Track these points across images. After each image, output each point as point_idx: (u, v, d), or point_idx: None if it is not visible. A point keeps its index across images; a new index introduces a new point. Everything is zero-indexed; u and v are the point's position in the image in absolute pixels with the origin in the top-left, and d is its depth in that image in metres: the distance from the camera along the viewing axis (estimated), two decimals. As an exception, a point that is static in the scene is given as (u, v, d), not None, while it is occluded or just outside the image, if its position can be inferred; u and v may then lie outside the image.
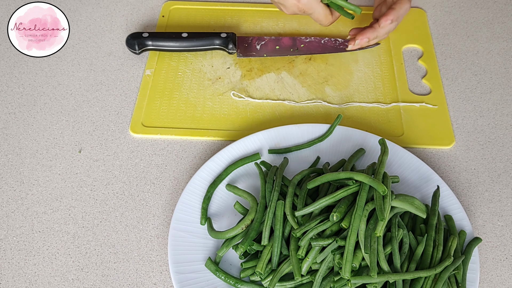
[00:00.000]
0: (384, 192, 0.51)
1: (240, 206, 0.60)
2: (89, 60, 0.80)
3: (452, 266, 0.52)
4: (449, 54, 0.79)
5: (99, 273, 0.58)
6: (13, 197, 0.64)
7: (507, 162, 0.67)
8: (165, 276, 0.58)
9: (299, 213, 0.54)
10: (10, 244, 0.60)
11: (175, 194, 0.64)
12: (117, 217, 0.62)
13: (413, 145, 0.68)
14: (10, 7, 0.87)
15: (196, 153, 0.68)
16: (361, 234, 0.50)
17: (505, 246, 0.60)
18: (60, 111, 0.73)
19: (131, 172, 0.66)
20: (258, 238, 0.57)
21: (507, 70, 0.77)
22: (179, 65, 0.78)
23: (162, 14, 0.85)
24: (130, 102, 0.74)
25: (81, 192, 0.65)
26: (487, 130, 0.70)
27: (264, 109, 0.72)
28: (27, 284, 0.57)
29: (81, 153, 0.68)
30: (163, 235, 0.61)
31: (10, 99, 0.75)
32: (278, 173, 0.61)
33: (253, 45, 0.78)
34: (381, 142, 0.59)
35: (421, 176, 0.62)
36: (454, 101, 0.74)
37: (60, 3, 0.87)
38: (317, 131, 0.67)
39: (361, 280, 0.50)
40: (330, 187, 0.58)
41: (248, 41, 0.79)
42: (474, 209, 0.63)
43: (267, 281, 0.53)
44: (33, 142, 0.70)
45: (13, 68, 0.79)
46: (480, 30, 0.83)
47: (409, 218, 0.58)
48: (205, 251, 0.58)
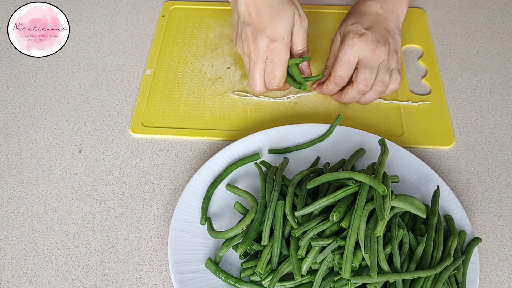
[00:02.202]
0: (384, 192, 0.51)
1: (240, 206, 0.60)
2: (89, 60, 0.80)
3: (452, 266, 0.52)
4: (449, 54, 0.79)
5: (99, 273, 0.58)
6: (13, 197, 0.64)
7: (507, 162, 0.67)
8: (165, 276, 0.58)
9: (299, 213, 0.54)
10: (10, 244, 0.60)
11: (175, 194, 0.64)
12: (117, 217, 0.62)
13: (413, 145, 0.68)
14: (10, 7, 0.87)
15: (196, 153, 0.68)
16: (361, 234, 0.50)
17: (505, 246, 0.60)
18: (60, 111, 0.73)
19: (131, 172, 0.66)
20: (258, 238, 0.57)
21: (507, 70, 0.77)
22: (179, 65, 0.78)
23: (162, 14, 0.85)
24: (130, 102, 0.74)
25: (81, 192, 0.65)
26: (487, 130, 0.70)
27: (264, 109, 0.72)
28: (27, 284, 0.57)
29: (81, 153, 0.68)
30: (163, 235, 0.61)
31: (10, 99, 0.75)
32: (278, 173, 0.61)
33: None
34: (381, 142, 0.59)
35: (421, 176, 0.62)
36: (454, 101, 0.74)
37: (60, 3, 0.87)
38: (317, 131, 0.67)
39: (361, 280, 0.50)
40: (330, 187, 0.58)
41: None
42: (474, 209, 0.63)
43: (267, 281, 0.53)
44: (33, 142, 0.70)
45: (13, 68, 0.79)
46: (480, 30, 0.83)
47: (409, 218, 0.58)
48: (205, 251, 0.58)
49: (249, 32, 0.64)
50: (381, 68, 0.66)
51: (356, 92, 0.66)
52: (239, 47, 0.67)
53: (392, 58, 0.67)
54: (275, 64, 0.65)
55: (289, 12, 0.64)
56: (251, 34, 0.64)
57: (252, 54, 0.64)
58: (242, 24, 0.65)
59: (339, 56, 0.67)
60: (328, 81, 0.69)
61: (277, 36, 0.63)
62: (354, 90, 0.66)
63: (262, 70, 0.65)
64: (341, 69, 0.66)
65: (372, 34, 0.65)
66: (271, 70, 0.65)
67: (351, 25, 0.67)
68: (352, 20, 0.68)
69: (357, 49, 0.65)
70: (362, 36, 0.65)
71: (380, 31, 0.66)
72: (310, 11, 0.85)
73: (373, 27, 0.66)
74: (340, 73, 0.67)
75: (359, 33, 0.65)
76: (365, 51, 0.65)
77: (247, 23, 0.64)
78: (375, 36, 0.65)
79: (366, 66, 0.65)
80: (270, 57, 0.64)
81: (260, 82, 0.66)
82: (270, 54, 0.64)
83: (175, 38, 0.82)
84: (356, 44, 0.65)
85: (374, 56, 0.65)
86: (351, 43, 0.65)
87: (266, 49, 0.63)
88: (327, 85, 0.69)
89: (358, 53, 0.65)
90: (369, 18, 0.68)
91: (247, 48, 0.65)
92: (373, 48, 0.65)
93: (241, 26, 0.65)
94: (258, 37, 0.63)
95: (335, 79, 0.67)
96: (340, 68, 0.66)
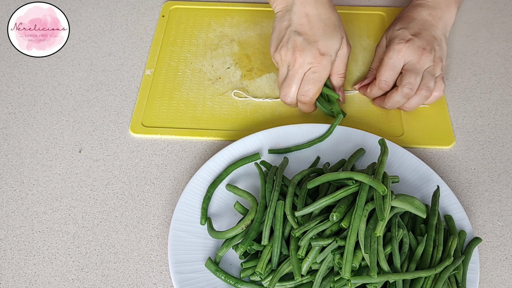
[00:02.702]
0: (384, 192, 0.51)
1: (240, 206, 0.60)
2: (89, 60, 0.80)
3: (452, 266, 0.53)
4: (449, 54, 0.79)
5: (99, 273, 0.58)
6: (13, 197, 0.64)
7: (507, 162, 0.67)
8: (165, 276, 0.58)
9: (299, 213, 0.54)
10: (10, 244, 0.60)
11: (175, 194, 0.64)
12: (117, 217, 0.62)
13: (413, 145, 0.68)
14: (10, 7, 0.87)
15: (196, 153, 0.68)
16: (361, 234, 0.50)
17: (505, 246, 0.60)
18: (60, 111, 0.73)
19: (131, 172, 0.66)
20: (258, 238, 0.57)
21: (507, 70, 0.77)
22: (179, 65, 0.78)
23: (162, 14, 0.85)
24: (130, 102, 0.74)
25: (81, 192, 0.65)
26: (487, 130, 0.70)
27: (264, 109, 0.72)
28: (27, 284, 0.57)
29: (81, 153, 0.68)
30: (163, 235, 0.61)
31: (10, 99, 0.75)
32: (278, 173, 0.61)
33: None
34: (381, 142, 0.59)
35: (421, 176, 0.62)
36: (454, 101, 0.74)
37: (60, 3, 0.87)
38: (317, 131, 0.67)
39: (361, 280, 0.50)
40: (330, 187, 0.58)
41: None
42: (474, 209, 0.63)
43: (267, 281, 0.53)
44: (33, 142, 0.70)
45: (13, 68, 0.79)
46: (479, 30, 0.83)
47: (409, 218, 0.58)
48: (205, 251, 0.58)
49: (298, 41, 0.64)
50: (426, 74, 0.66)
51: (401, 96, 0.66)
52: (279, 55, 0.66)
53: (437, 65, 0.67)
54: (316, 77, 0.65)
55: (339, 34, 0.65)
56: (301, 43, 0.64)
57: (296, 63, 0.64)
58: (292, 32, 0.65)
59: (384, 61, 0.67)
60: (373, 85, 0.69)
61: (327, 51, 0.64)
62: (399, 94, 0.66)
63: (300, 81, 0.66)
64: (386, 74, 0.66)
65: (419, 40, 0.65)
66: (309, 83, 0.65)
67: (398, 30, 0.68)
68: (399, 25, 0.69)
69: (403, 54, 0.65)
70: (409, 42, 0.65)
71: (427, 38, 0.66)
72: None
73: (420, 33, 0.67)
74: (385, 77, 0.67)
75: (405, 39, 0.66)
76: (411, 57, 0.65)
77: (298, 33, 0.64)
78: (421, 42, 0.65)
79: (412, 71, 0.65)
80: (314, 68, 0.64)
81: (294, 93, 0.66)
82: (315, 66, 0.64)
83: (175, 38, 0.82)
84: (402, 50, 0.65)
85: (419, 62, 0.65)
86: (397, 48, 0.66)
87: (312, 60, 0.64)
88: (371, 89, 0.69)
89: (404, 58, 0.65)
90: (416, 24, 0.68)
91: (291, 56, 0.64)
92: (419, 54, 0.65)
93: (290, 35, 0.65)
94: (308, 47, 0.63)
95: (380, 84, 0.67)
96: (386, 73, 0.66)
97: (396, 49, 0.66)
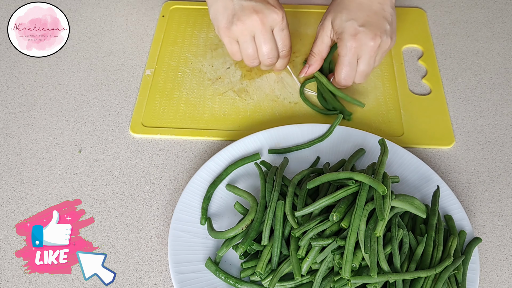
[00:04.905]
0: (384, 192, 0.51)
1: (240, 206, 0.60)
2: (89, 60, 0.80)
3: (452, 266, 0.52)
4: (449, 54, 0.79)
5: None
6: (13, 197, 0.64)
7: (507, 162, 0.67)
8: (165, 276, 0.58)
9: (299, 213, 0.54)
10: (10, 244, 0.60)
11: (175, 194, 0.64)
12: (117, 217, 0.62)
13: (413, 145, 0.68)
14: (10, 7, 0.87)
15: (196, 153, 0.68)
16: (361, 234, 0.50)
17: (505, 246, 0.60)
18: (60, 111, 0.73)
19: (131, 172, 0.66)
20: (258, 238, 0.57)
21: (507, 70, 0.77)
22: (179, 65, 0.78)
23: (162, 14, 0.85)
24: (130, 102, 0.74)
25: (81, 192, 0.65)
26: (487, 130, 0.70)
27: (264, 109, 0.72)
28: (27, 284, 0.57)
29: (81, 153, 0.68)
30: (163, 235, 0.61)
31: (10, 99, 0.75)
32: (278, 173, 0.61)
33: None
34: (381, 142, 0.59)
35: (421, 176, 0.62)
36: (454, 101, 0.74)
37: (60, 3, 0.87)
38: (317, 131, 0.67)
39: (361, 280, 0.50)
40: (330, 187, 0.58)
41: None
42: (474, 209, 0.63)
43: (267, 281, 0.53)
44: (33, 142, 0.70)
45: (13, 68, 0.79)
46: (480, 30, 0.83)
47: (409, 218, 0.58)
48: (205, 251, 0.58)
49: (254, 5, 0.64)
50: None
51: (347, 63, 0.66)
52: (237, 26, 0.64)
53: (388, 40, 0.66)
54: (285, 33, 0.67)
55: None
56: (258, 6, 0.64)
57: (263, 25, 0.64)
58: (240, 1, 0.64)
59: (340, 59, 0.67)
60: (333, 82, 0.72)
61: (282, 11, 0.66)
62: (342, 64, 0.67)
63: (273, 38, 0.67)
64: (343, 72, 0.68)
65: (369, 31, 0.65)
66: (282, 38, 0.67)
67: (346, 22, 0.66)
68: (347, 14, 0.66)
69: (356, 50, 0.66)
70: (360, 34, 0.65)
71: (377, 24, 0.65)
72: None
73: (369, 20, 0.65)
74: (344, 75, 0.68)
75: (355, 33, 0.65)
76: (364, 49, 0.66)
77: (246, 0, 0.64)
78: (372, 32, 0.65)
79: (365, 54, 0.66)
80: (281, 26, 0.66)
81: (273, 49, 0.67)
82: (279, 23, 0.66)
83: (175, 38, 0.82)
84: (354, 45, 0.65)
85: (374, 49, 0.66)
86: (349, 46, 0.65)
87: (276, 17, 0.65)
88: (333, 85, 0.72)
89: (357, 52, 0.66)
90: (364, 11, 0.66)
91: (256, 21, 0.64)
92: (372, 44, 0.65)
93: (240, 3, 0.64)
94: (265, 9, 0.64)
95: (340, 82, 0.69)
96: (343, 71, 0.68)
97: (348, 47, 0.65)
